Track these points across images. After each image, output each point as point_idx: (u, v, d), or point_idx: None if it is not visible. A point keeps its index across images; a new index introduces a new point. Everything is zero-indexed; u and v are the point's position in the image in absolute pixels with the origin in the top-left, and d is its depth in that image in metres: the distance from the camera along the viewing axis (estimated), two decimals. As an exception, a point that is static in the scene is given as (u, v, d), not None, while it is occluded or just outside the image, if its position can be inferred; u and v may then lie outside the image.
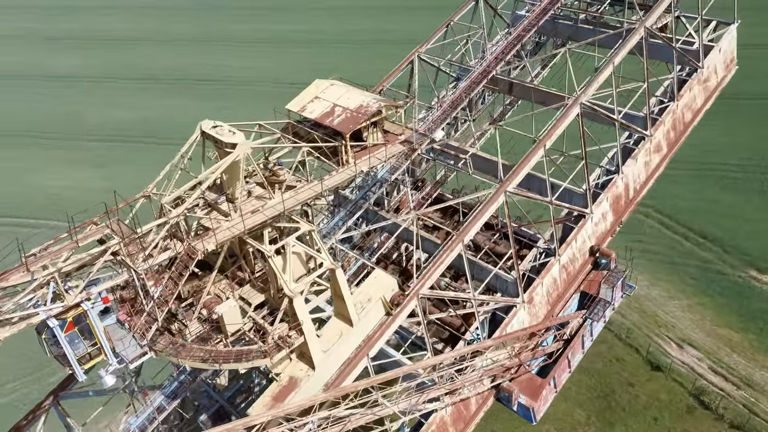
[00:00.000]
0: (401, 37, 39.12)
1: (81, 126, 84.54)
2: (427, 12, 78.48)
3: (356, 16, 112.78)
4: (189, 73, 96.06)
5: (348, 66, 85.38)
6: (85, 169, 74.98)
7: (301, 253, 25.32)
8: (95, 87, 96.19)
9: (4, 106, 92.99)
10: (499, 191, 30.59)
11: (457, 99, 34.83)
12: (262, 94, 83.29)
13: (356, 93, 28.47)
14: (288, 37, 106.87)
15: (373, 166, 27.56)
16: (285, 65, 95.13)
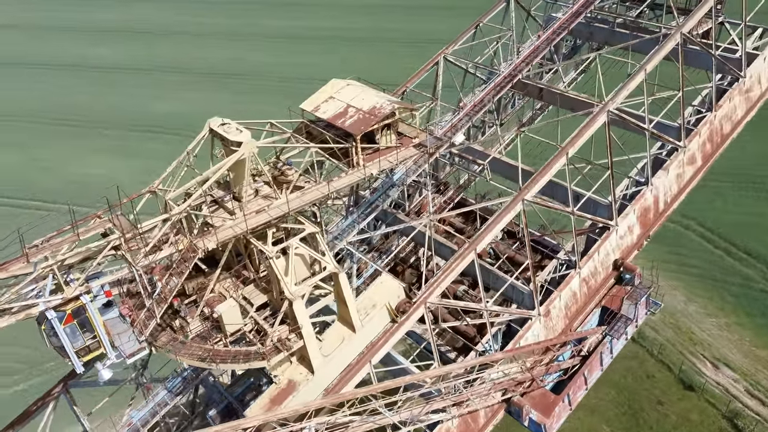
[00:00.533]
0: (443, 37, 38.40)
1: (118, 116, 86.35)
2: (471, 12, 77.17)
3: (392, 14, 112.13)
4: (224, 68, 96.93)
5: (381, 64, 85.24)
6: (120, 158, 76.50)
7: (305, 255, 24.95)
8: (133, 78, 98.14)
9: (45, 94, 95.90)
10: (516, 199, 29.61)
11: (479, 102, 33.86)
12: (296, 90, 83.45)
13: (371, 94, 27.93)
14: (322, 34, 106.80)
15: (383, 169, 26.95)
16: (318, 62, 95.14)
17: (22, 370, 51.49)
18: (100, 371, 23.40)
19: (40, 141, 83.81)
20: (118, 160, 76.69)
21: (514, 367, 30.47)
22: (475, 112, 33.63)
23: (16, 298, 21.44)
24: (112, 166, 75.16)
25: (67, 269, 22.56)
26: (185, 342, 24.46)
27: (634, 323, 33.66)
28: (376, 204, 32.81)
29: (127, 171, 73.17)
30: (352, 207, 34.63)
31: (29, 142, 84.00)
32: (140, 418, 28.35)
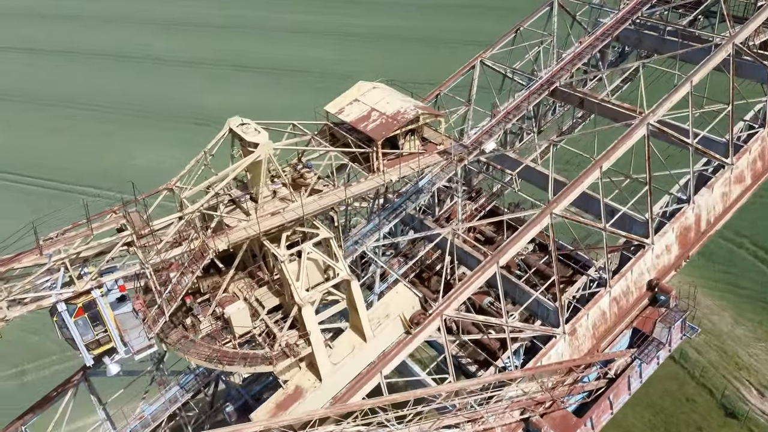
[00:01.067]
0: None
1: (179, 108, 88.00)
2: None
3: (446, 14, 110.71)
4: (283, 63, 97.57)
5: (442, 66, 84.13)
6: (176, 148, 77.84)
7: (318, 260, 24.55)
8: (195, 71, 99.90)
9: (105, 83, 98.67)
10: (544, 213, 28.45)
11: (513, 110, 32.74)
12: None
13: (396, 98, 27.28)
14: (382, 32, 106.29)
15: (403, 176, 26.27)
16: (379, 60, 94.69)
17: (57, 352, 52.91)
18: (109, 365, 23.59)
19: (97, 128, 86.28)
20: (173, 150, 78.23)
21: (534, 385, 29.37)
22: (508, 119, 32.49)
23: (30, 288, 21.76)
24: (168, 155, 76.71)
25: (82, 262, 22.79)
26: (195, 341, 24.43)
27: (667, 348, 32.00)
28: (400, 209, 32.05)
29: (178, 162, 74.55)
30: (377, 210, 34.01)
31: (85, 128, 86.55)
32: (151, 413, 28.61)
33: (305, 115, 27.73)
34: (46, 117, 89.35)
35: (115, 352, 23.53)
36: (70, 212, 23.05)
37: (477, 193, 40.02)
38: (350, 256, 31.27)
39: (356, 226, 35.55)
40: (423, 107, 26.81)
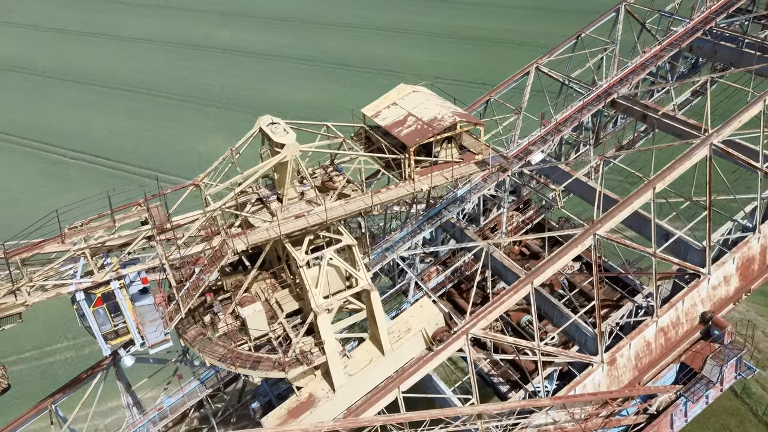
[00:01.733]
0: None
1: (254, 100, 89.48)
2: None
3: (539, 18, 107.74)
4: (374, 62, 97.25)
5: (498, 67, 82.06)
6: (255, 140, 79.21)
7: (340, 267, 23.81)
8: (277, 64, 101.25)
9: (185, 71, 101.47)
10: (587, 233, 26.67)
11: (563, 121, 30.92)
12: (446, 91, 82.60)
13: (435, 103, 26.13)
14: (477, 34, 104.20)
15: (435, 185, 25.10)
16: (456, 61, 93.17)
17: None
18: (123, 357, 23.71)
19: (170, 114, 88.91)
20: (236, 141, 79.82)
21: (565, 415, 27.68)
22: (559, 130, 30.69)
23: (53, 275, 22.05)
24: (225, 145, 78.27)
25: (105, 253, 22.93)
26: (211, 339, 24.22)
27: (718, 387, 29.52)
28: (436, 217, 30.89)
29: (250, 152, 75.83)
30: (413, 217, 32.94)
31: (159, 113, 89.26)
32: (170, 405, 28.73)
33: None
34: (127, 101, 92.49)
35: (133, 344, 23.58)
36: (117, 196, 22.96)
37: (525, 205, 38.32)
38: (380, 263, 30.38)
39: (395, 230, 34.65)
40: (461, 114, 25.54)
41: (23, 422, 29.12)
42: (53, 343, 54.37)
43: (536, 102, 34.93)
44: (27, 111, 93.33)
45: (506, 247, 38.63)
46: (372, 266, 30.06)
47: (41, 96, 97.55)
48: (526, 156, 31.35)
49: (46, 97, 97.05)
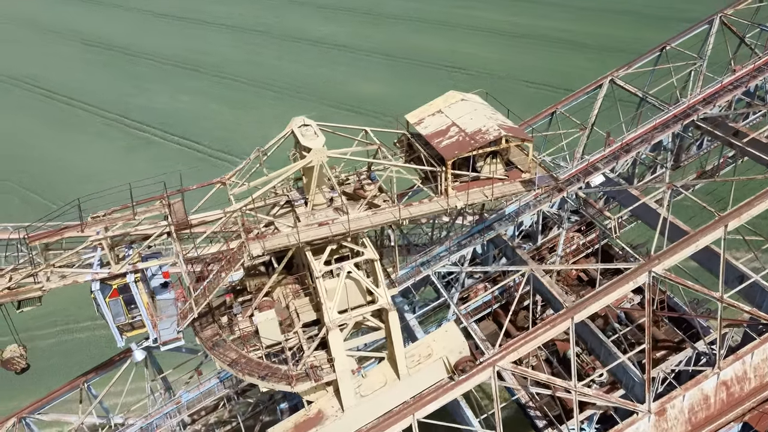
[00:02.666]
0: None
1: (325, 90, 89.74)
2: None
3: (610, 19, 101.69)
4: (446, 60, 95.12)
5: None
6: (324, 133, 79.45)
7: (361, 281, 22.50)
8: (350, 57, 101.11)
9: (266, 59, 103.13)
10: (641, 269, 23.95)
11: (636, 139, 28.03)
12: (504, 89, 79.72)
13: (483, 114, 24.17)
14: (544, 33, 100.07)
15: (472, 202, 23.19)
16: (531, 62, 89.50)
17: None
18: (134, 351, 23.53)
19: (245, 99, 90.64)
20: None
21: (599, 465, 25.20)
22: (627, 150, 27.86)
23: (74, 262, 22.11)
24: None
25: (128, 244, 22.77)
26: (226, 341, 23.61)
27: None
28: (483, 232, 28.91)
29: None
30: (464, 228, 31.08)
31: (252, 103, 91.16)
32: (188, 400, 28.53)
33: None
34: (225, 90, 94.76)
35: (148, 338, 23.37)
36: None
37: (588, 227, 35.45)
38: (413, 277, 28.79)
39: (439, 241, 32.90)
40: (509, 128, 23.45)
41: (55, 398, 29.94)
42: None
43: (608, 117, 32.06)
44: (122, 89, 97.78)
45: (563, 272, 36.03)
46: (403, 281, 28.55)
47: (138, 76, 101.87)
48: (584, 177, 28.72)
49: (142, 78, 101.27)
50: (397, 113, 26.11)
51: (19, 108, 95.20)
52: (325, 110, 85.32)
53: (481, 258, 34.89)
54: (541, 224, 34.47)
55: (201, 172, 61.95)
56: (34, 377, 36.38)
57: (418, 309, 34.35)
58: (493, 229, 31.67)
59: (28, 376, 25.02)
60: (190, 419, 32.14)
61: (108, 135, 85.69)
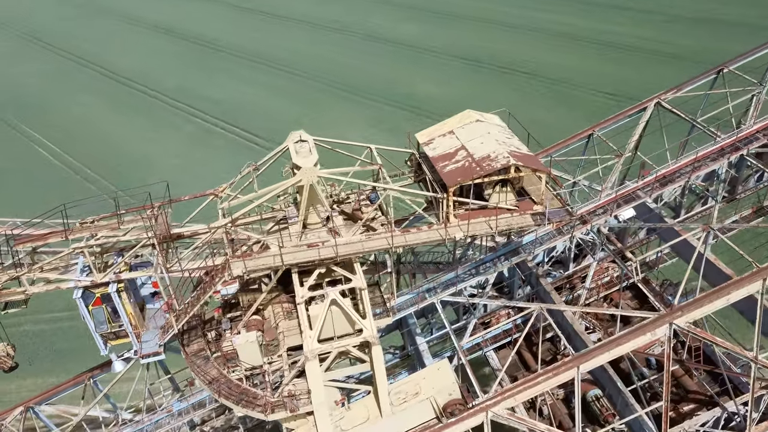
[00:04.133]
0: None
1: (385, 89, 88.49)
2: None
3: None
4: (514, 64, 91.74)
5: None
6: (378, 131, 78.55)
7: (346, 310, 21.19)
8: (414, 56, 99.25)
9: (332, 54, 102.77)
10: (660, 321, 21.47)
11: (672, 173, 25.32)
12: (574, 99, 76.16)
13: (497, 138, 22.22)
14: (631, 43, 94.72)
15: (470, 234, 21.36)
16: (610, 72, 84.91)
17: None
18: (114, 362, 23.14)
19: (309, 94, 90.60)
20: (366, 130, 79.12)
21: None
22: (661, 185, 25.21)
23: (60, 266, 21.87)
24: (361, 134, 77.92)
25: (118, 251, 22.34)
26: (209, 358, 22.87)
27: None
28: (490, 263, 26.96)
29: (367, 143, 74.95)
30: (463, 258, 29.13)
31: (297, 92, 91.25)
32: (179, 409, 28.06)
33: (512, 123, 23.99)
34: (292, 85, 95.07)
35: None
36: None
37: (624, 258, 32.67)
38: (417, 304, 27.16)
39: (463, 260, 30.96)
40: (521, 156, 21.43)
41: (60, 392, 30.22)
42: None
43: (651, 143, 29.31)
44: (193, 78, 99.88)
45: (594, 304, 33.43)
46: (403, 308, 27.01)
47: (210, 67, 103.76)
48: (613, 209, 26.22)
49: (213, 69, 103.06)
50: (451, 113, 24.48)
51: (93, 91, 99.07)
52: (384, 109, 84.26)
53: (507, 282, 32.88)
54: (573, 251, 32.06)
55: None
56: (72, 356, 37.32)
57: (435, 331, 32.69)
58: (519, 253, 29.59)
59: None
60: (200, 419, 31.85)
61: (173, 123, 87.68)
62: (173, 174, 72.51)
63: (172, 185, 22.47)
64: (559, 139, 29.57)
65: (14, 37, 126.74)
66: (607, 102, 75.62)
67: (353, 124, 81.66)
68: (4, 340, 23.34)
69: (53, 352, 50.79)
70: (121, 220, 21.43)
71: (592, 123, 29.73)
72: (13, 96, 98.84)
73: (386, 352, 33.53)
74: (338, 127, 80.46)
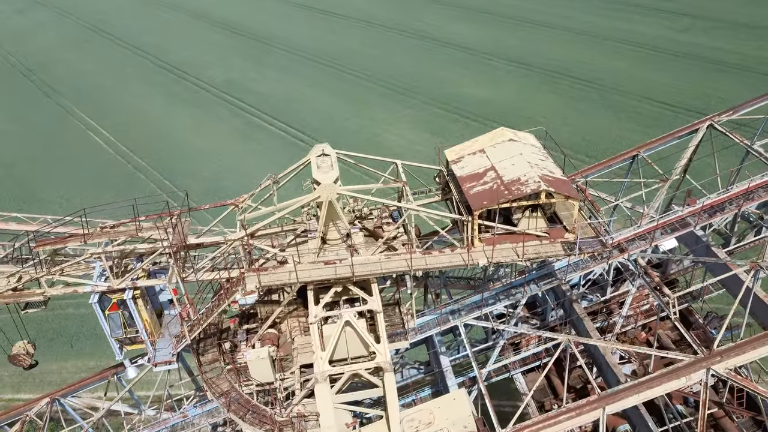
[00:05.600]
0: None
1: (436, 91, 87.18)
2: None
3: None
4: (566, 69, 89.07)
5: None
6: (421, 131, 77.53)
7: (363, 332, 20.44)
8: (468, 58, 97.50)
9: (385, 54, 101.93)
10: (696, 365, 19.93)
11: (722, 202, 23.57)
12: (634, 111, 73.44)
13: (529, 160, 21.01)
14: (683, 49, 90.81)
15: (494, 261, 20.26)
16: (668, 80, 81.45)
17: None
18: (128, 368, 23.03)
19: (359, 94, 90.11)
20: (407, 131, 78.19)
21: None
22: (709, 215, 23.50)
23: (82, 269, 21.88)
24: (405, 134, 77.07)
25: (137, 256, 22.20)
26: (222, 369, 22.54)
27: None
28: (517, 290, 25.76)
29: (411, 144, 74.26)
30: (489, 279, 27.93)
31: (347, 91, 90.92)
32: (194, 415, 27.89)
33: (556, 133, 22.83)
34: (342, 83, 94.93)
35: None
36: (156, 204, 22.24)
37: (670, 285, 30.85)
38: (440, 325, 26.18)
39: (497, 278, 29.76)
40: (553, 180, 20.19)
41: (85, 385, 30.53)
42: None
43: (701, 167, 27.49)
44: (245, 73, 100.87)
45: (631, 332, 31.77)
46: (425, 330, 26.08)
47: (262, 62, 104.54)
48: (653, 239, 24.58)
49: (265, 64, 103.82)
50: (500, 117, 23.52)
51: (147, 82, 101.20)
52: (427, 110, 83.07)
53: (541, 304, 31.59)
54: (612, 275, 30.46)
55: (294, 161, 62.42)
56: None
57: (462, 349, 31.62)
58: (551, 277, 28.26)
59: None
60: (223, 421, 31.75)
61: (222, 116, 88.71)
62: (214, 166, 73.66)
63: (213, 177, 22.16)
64: (602, 150, 28.09)
65: (77, 26, 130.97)
66: (663, 112, 72.72)
67: (394, 123, 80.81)
68: (25, 339, 23.55)
69: (94, 335, 52.12)
70: (140, 227, 21.21)
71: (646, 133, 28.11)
72: (73, 83, 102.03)
73: (410, 367, 32.72)
74: (379, 126, 79.94)
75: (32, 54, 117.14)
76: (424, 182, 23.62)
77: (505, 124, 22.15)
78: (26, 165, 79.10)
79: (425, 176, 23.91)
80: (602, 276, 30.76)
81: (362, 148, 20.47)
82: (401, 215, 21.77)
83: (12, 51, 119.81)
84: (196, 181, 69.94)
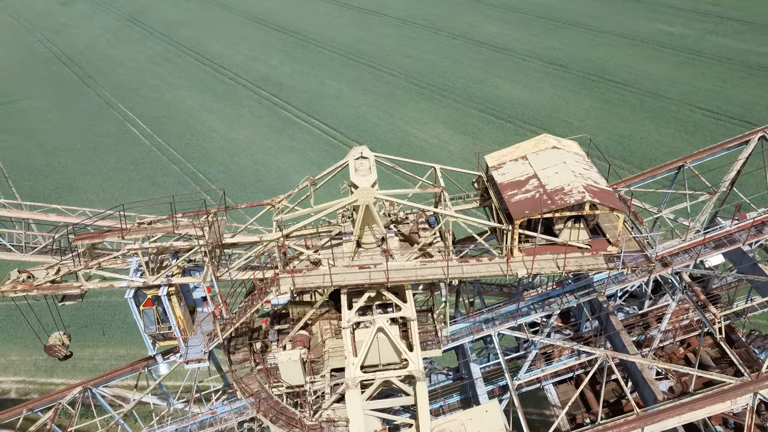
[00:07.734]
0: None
1: (470, 91, 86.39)
2: None
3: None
4: (605, 72, 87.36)
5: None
6: (454, 132, 76.85)
7: (395, 339, 20.13)
8: (506, 59, 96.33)
9: (423, 53, 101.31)
10: (743, 389, 19.14)
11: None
12: (673, 116, 71.62)
13: (573, 169, 20.42)
14: (724, 54, 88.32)
15: (534, 273, 19.73)
16: (709, 86, 79.35)
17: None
18: (159, 363, 23.07)
19: (393, 92, 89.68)
20: (441, 131, 77.53)
21: None
22: (758, 230, 22.59)
23: (120, 264, 21.99)
24: (437, 134, 76.46)
25: (174, 254, 22.22)
26: (252, 369, 22.45)
27: None
28: (553, 299, 25.15)
29: (444, 144, 73.68)
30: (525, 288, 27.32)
31: (380, 89, 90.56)
32: (222, 413, 27.88)
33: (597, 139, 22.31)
34: (376, 81, 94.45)
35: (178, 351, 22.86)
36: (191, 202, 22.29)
37: (713, 300, 29.85)
38: (473, 333, 25.70)
39: (537, 285, 29.13)
40: (598, 191, 19.58)
41: (116, 376, 30.84)
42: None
43: (750, 179, 26.50)
44: (280, 69, 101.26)
45: (669, 347, 30.84)
46: (457, 338, 25.63)
47: (298, 59, 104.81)
48: (699, 254, 23.75)
49: (301, 60, 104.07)
50: (539, 120, 23.00)
51: (184, 75, 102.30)
52: (463, 110, 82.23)
53: (575, 314, 30.91)
54: (651, 285, 29.59)
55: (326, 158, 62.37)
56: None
57: (493, 357, 31.09)
58: (589, 288, 27.55)
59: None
60: (249, 418, 31.77)
61: (257, 111, 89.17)
62: (247, 160, 74.16)
63: (246, 172, 22.06)
64: (640, 156, 27.20)
65: (117, 19, 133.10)
66: (704, 119, 70.78)
67: (428, 122, 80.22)
68: (61, 330, 23.79)
69: (126, 323, 52.93)
70: (177, 224, 21.20)
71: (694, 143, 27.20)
72: (111, 75, 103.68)
73: (439, 373, 32.32)
74: (412, 125, 79.37)
75: (73, 44, 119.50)
76: (462, 187, 23.17)
77: (540, 126, 21.54)
78: (67, 154, 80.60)
79: (462, 180, 23.45)
80: (640, 288, 29.93)
81: (394, 147, 20.09)
82: (438, 221, 21.40)
83: (55, 41, 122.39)
84: (229, 176, 70.57)
